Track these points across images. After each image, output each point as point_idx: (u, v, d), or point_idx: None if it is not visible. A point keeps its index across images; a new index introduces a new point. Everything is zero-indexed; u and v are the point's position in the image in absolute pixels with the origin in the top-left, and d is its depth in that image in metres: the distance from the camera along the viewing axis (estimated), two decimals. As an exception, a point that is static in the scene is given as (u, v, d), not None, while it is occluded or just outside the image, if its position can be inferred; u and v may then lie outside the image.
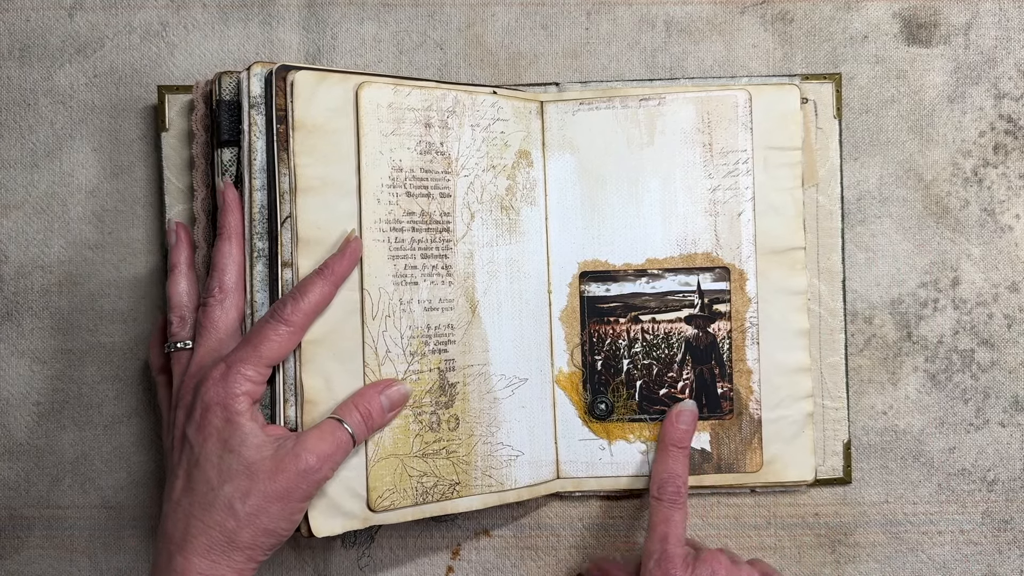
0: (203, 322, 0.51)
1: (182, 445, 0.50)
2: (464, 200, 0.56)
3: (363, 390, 0.52)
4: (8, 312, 0.60)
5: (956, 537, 0.60)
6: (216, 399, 0.49)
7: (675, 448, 0.57)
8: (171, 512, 0.49)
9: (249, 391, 0.49)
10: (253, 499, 0.47)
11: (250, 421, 0.49)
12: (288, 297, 0.50)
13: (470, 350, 0.56)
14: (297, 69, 0.51)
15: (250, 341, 0.50)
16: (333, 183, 0.52)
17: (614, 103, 0.59)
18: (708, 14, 0.61)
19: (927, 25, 0.61)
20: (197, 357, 0.51)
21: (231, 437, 0.48)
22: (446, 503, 0.55)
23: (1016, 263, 0.60)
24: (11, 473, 0.60)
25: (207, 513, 0.48)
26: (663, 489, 0.55)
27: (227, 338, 0.51)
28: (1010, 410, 0.60)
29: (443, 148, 0.55)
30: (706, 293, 0.59)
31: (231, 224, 0.52)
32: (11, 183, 0.60)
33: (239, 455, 0.48)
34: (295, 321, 0.50)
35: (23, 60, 0.60)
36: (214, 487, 0.48)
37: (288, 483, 0.48)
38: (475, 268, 0.56)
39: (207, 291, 0.52)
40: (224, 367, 0.49)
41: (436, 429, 0.54)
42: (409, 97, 0.54)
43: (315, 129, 0.52)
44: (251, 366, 0.49)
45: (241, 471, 0.48)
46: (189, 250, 0.55)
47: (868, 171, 0.61)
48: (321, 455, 0.49)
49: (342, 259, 0.51)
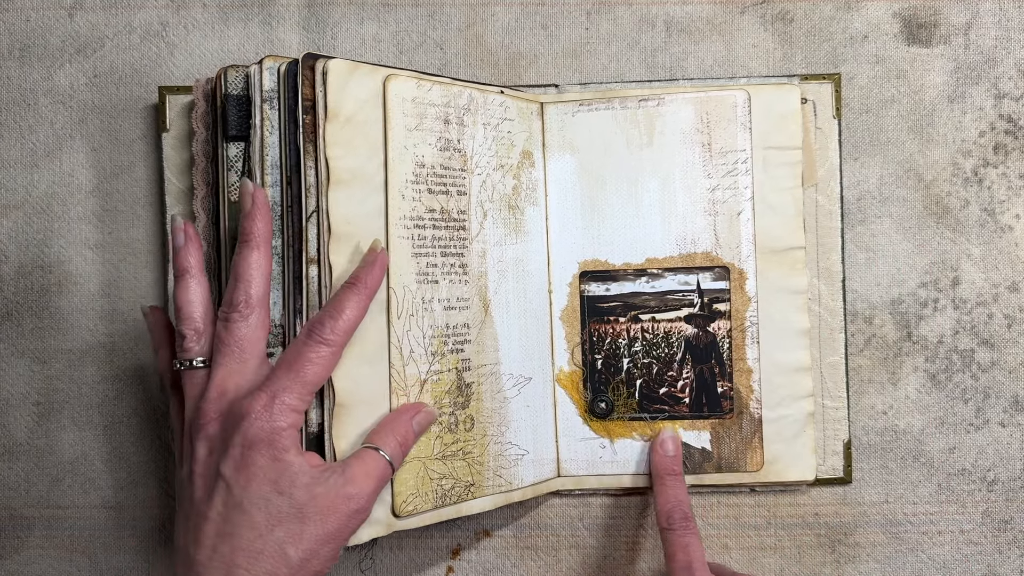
0: (225, 339, 0.47)
1: (214, 484, 0.45)
2: (478, 198, 0.56)
3: (397, 416, 0.50)
4: (8, 312, 0.60)
5: (956, 537, 0.60)
6: (262, 436, 0.44)
7: (670, 477, 0.56)
8: (205, 561, 0.44)
9: (295, 423, 0.45)
10: (305, 543, 0.44)
11: (298, 457, 0.45)
12: (325, 316, 0.47)
13: (483, 349, 0.56)
14: (327, 58, 0.50)
15: (290, 366, 0.46)
16: (362, 176, 0.51)
17: (613, 104, 0.59)
18: (708, 14, 0.61)
19: (927, 25, 0.61)
20: (217, 380, 0.47)
21: (280, 478, 0.44)
22: (461, 505, 0.54)
23: (1016, 263, 0.60)
24: (11, 473, 0.60)
25: (254, 562, 0.44)
26: (671, 518, 0.54)
27: (252, 359, 0.47)
28: (1010, 410, 0.60)
29: (460, 145, 0.55)
30: (706, 292, 0.59)
31: (259, 230, 0.48)
32: (11, 183, 0.60)
33: (290, 497, 0.44)
34: (335, 340, 0.46)
35: (23, 60, 0.60)
36: (262, 533, 0.44)
37: (339, 524, 0.45)
38: (487, 267, 0.56)
39: (230, 304, 0.47)
40: (267, 398, 0.45)
41: (454, 430, 0.54)
42: (430, 92, 0.54)
43: (347, 120, 0.50)
44: (295, 395, 0.45)
45: (293, 514, 0.44)
46: (200, 252, 0.50)
47: (868, 171, 0.61)
48: (371, 494, 0.46)
49: (372, 270, 0.48)
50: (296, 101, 0.50)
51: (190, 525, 0.46)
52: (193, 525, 0.46)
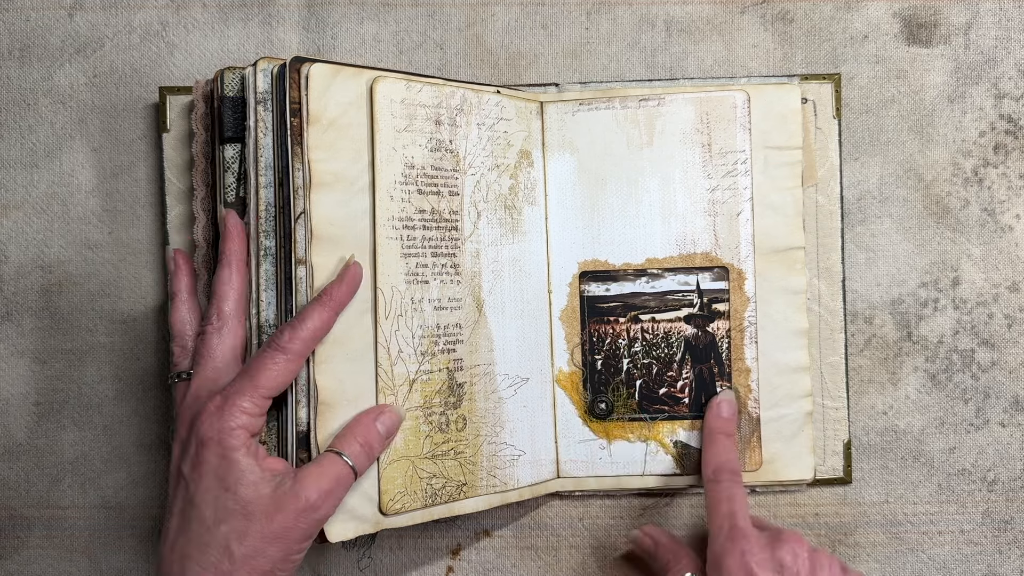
0: (200, 350, 0.50)
1: (178, 482, 0.48)
2: (471, 199, 0.56)
3: (358, 419, 0.51)
4: (8, 312, 0.60)
5: (956, 537, 0.60)
6: (211, 434, 0.47)
7: (723, 435, 0.56)
8: (167, 553, 0.47)
9: (246, 424, 0.47)
10: (250, 540, 0.46)
11: (246, 457, 0.47)
12: (286, 325, 0.49)
13: (477, 350, 0.56)
14: (312, 62, 0.51)
15: (247, 371, 0.48)
16: (346, 179, 0.51)
17: (613, 104, 0.59)
18: (708, 14, 0.61)
19: (927, 25, 0.61)
20: (192, 388, 0.50)
21: (227, 475, 0.46)
22: (453, 504, 0.54)
23: (1016, 263, 0.60)
24: (11, 473, 0.60)
25: (202, 554, 0.46)
26: (720, 472, 0.54)
27: (224, 367, 0.50)
28: (1010, 410, 0.60)
29: (452, 146, 0.55)
30: (705, 293, 0.59)
31: (232, 250, 0.51)
32: (11, 183, 0.60)
33: (235, 494, 0.46)
34: (293, 349, 0.48)
35: (23, 60, 0.60)
36: (209, 527, 0.46)
37: (286, 523, 0.46)
38: (481, 267, 0.56)
39: (205, 319, 0.51)
40: (220, 400, 0.47)
41: (445, 430, 0.54)
42: (420, 93, 0.54)
43: (330, 124, 0.51)
44: (248, 398, 0.47)
45: (237, 511, 0.46)
46: (189, 278, 0.54)
47: (868, 171, 0.61)
48: (321, 492, 0.47)
49: (341, 285, 0.50)
50: (286, 104, 0.50)
51: (164, 522, 0.49)
52: (164, 522, 0.48)
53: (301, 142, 0.51)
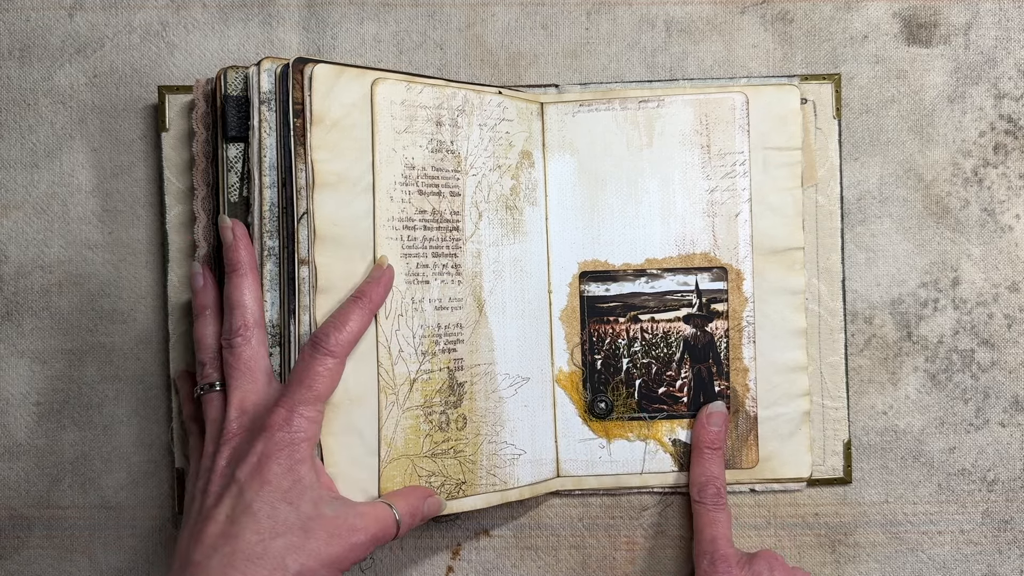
0: (233, 363, 0.50)
1: (226, 488, 0.47)
2: (472, 199, 0.56)
3: (414, 489, 0.52)
4: (8, 312, 0.60)
5: (956, 537, 0.60)
6: (281, 446, 0.47)
7: (709, 450, 0.57)
8: (203, 559, 0.45)
9: (310, 436, 0.48)
10: (304, 558, 0.45)
11: (310, 472, 0.48)
12: (329, 327, 0.49)
13: (477, 349, 0.56)
14: (316, 62, 0.51)
15: (302, 381, 0.48)
16: (349, 179, 0.52)
17: (613, 105, 0.59)
18: (708, 14, 0.61)
19: (927, 25, 0.61)
20: (235, 401, 0.50)
21: (292, 488, 0.47)
22: (452, 503, 0.55)
23: (1016, 263, 0.60)
24: (11, 473, 0.60)
25: (252, 566, 0.44)
26: (704, 492, 0.57)
27: (262, 376, 0.50)
28: (1010, 410, 0.60)
29: (453, 147, 0.55)
30: (704, 293, 0.59)
31: (244, 259, 0.51)
32: (11, 183, 0.60)
33: (297, 508, 0.46)
34: (339, 352, 0.49)
35: (23, 60, 0.60)
36: (264, 539, 0.45)
37: (341, 552, 0.47)
38: (482, 267, 0.56)
39: (231, 330, 0.50)
40: (285, 412, 0.48)
41: (445, 429, 0.54)
42: (421, 95, 0.54)
43: (333, 124, 0.51)
44: (311, 407, 0.48)
45: (297, 526, 0.46)
46: (216, 292, 0.54)
47: (868, 171, 0.61)
48: (373, 536, 0.48)
49: (378, 286, 0.51)
50: (289, 104, 0.51)
51: (194, 531, 0.47)
52: (197, 530, 0.47)
53: (304, 142, 0.51)
